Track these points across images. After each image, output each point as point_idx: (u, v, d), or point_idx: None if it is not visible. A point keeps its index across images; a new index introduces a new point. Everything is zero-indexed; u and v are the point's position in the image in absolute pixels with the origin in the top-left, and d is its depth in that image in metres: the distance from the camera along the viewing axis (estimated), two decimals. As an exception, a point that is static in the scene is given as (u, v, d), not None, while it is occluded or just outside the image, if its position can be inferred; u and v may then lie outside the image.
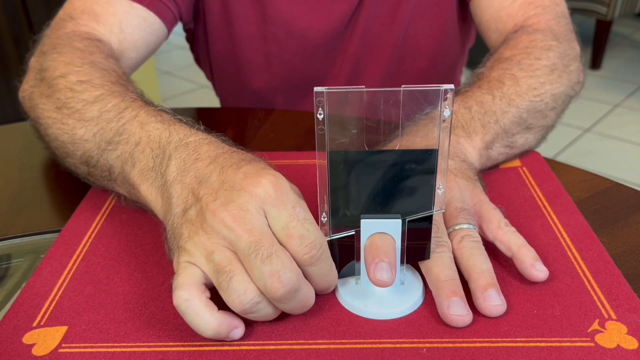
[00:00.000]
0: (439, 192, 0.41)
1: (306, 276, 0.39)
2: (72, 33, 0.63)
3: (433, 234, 0.44)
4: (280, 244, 0.38)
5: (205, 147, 0.44)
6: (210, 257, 0.38)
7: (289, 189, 0.39)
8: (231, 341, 0.39)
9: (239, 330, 0.39)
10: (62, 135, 0.53)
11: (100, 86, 0.53)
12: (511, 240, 0.45)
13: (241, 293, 0.37)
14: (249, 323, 0.40)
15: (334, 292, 0.43)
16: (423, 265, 0.43)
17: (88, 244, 0.49)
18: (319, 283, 0.40)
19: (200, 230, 0.39)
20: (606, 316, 0.41)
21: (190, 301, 0.37)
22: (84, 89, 0.53)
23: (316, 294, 0.41)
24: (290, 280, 0.37)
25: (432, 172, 0.40)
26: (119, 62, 0.64)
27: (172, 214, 0.41)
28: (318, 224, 0.40)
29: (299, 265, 0.38)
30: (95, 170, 0.51)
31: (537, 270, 0.43)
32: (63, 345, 0.39)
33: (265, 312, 0.38)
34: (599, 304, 0.42)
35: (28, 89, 0.60)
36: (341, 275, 0.44)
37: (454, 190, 0.48)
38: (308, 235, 0.38)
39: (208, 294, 0.38)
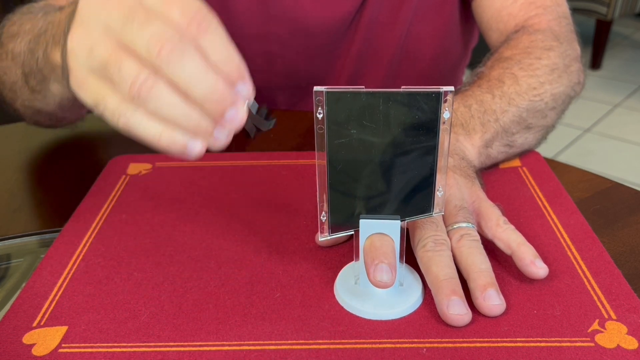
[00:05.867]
0: (438, 194, 0.41)
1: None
2: (39, 2, 0.65)
3: (432, 232, 0.43)
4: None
5: None
6: (91, 54, 0.35)
7: None
8: (230, 342, 0.39)
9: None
10: (2, 68, 0.57)
11: (39, 10, 0.56)
12: (510, 238, 0.45)
13: (135, 75, 0.34)
14: (249, 323, 0.40)
15: (333, 292, 0.43)
16: (422, 264, 0.43)
17: (88, 244, 0.49)
18: (220, 61, 0.35)
19: (78, 28, 0.36)
20: (606, 316, 0.41)
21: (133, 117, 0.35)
22: (27, 18, 0.56)
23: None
24: (173, 37, 0.33)
25: (431, 173, 0.40)
26: None
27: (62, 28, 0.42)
28: (317, 223, 0.40)
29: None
30: (33, 82, 0.53)
31: (537, 267, 0.43)
32: (63, 345, 0.39)
33: (168, 100, 0.34)
34: (599, 304, 0.42)
35: None
36: (341, 275, 0.45)
37: (452, 188, 0.48)
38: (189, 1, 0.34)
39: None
